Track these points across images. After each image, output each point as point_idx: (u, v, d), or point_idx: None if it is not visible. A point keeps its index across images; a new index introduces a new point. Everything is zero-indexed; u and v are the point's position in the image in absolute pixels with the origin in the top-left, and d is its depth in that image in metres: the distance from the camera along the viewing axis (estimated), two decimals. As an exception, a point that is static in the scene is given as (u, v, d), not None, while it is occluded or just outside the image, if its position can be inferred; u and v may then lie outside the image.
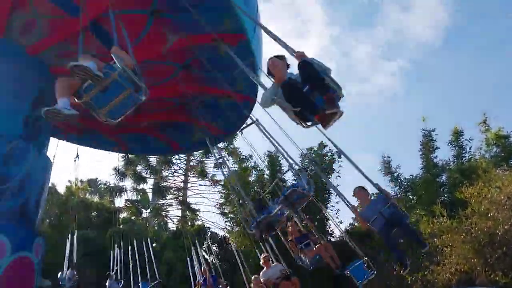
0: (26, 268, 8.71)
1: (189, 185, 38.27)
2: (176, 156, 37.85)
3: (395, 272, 15.96)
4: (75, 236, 18.09)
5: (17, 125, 9.79)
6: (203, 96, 11.73)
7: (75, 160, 16.64)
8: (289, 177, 25.19)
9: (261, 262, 11.57)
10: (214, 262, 28.97)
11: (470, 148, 20.59)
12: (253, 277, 11.52)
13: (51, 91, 10.53)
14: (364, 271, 9.99)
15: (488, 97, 62.67)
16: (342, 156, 24.04)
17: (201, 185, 38.08)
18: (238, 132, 12.37)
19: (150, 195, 36.35)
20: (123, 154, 34.50)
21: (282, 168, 24.65)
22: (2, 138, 9.24)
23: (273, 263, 11.67)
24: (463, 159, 20.43)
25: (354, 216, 17.00)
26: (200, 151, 36.92)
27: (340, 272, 10.59)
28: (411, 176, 21.51)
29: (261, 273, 11.12)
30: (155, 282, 17.74)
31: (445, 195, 19.72)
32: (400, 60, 75.06)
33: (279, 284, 10.20)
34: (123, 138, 14.57)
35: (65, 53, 10.86)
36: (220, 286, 13.99)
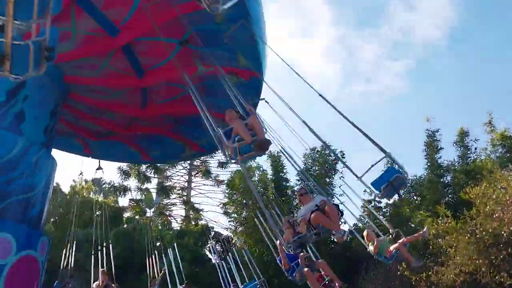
0: (32, 266, 8.77)
1: (193, 184, 38.34)
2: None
3: (398, 273, 15.95)
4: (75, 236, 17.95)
5: (40, 134, 10.00)
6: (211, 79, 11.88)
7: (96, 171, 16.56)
8: (291, 175, 25.25)
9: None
10: (217, 261, 29.08)
11: (475, 149, 20.54)
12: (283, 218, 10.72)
13: (63, 101, 10.87)
14: None
15: (494, 97, 62.42)
16: (345, 156, 24.20)
17: (205, 184, 38.16)
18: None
19: (154, 195, 36.41)
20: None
21: (285, 167, 24.65)
22: (33, 146, 9.41)
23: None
24: (468, 159, 20.35)
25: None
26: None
27: None
28: (415, 177, 21.46)
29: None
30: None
31: (450, 196, 19.65)
32: (406, 60, 74.85)
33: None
34: (143, 145, 14.66)
35: (84, 65, 11.18)
36: None
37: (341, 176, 24.46)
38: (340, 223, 7.58)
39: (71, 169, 66.44)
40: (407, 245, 10.20)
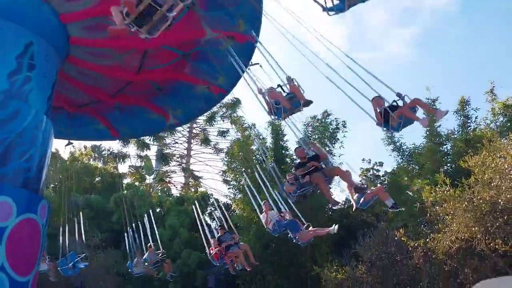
0: (32, 229, 8.86)
1: (192, 152, 38.43)
2: (179, 123, 37.82)
3: (396, 238, 16.17)
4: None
5: (44, 103, 9.98)
6: (205, 46, 12.00)
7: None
8: (291, 143, 25.26)
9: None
10: (216, 228, 29.42)
11: (476, 118, 20.46)
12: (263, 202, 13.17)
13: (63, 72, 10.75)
14: None
15: (500, 66, 61.64)
16: (346, 126, 24.15)
17: (204, 152, 38.25)
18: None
19: (153, 162, 36.54)
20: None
21: (286, 135, 24.64)
22: (37, 115, 9.41)
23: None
24: (468, 129, 20.32)
25: None
26: (203, 118, 36.96)
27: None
28: (413, 145, 21.50)
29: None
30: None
31: (448, 165, 19.72)
32: (414, 27, 73.55)
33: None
34: (113, 121, 14.82)
35: (95, 26, 11.10)
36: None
37: (341, 146, 24.61)
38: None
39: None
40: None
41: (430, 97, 20.85)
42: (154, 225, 18.28)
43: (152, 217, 18.30)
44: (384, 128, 9.34)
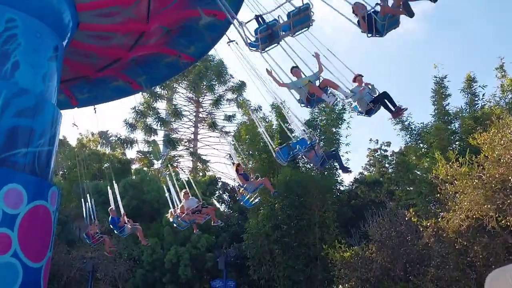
0: (44, 216, 8.92)
1: (199, 136, 38.47)
2: (186, 108, 37.85)
3: (406, 218, 16.15)
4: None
5: (39, 82, 9.87)
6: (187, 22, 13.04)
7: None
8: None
9: (181, 196, 15.47)
10: (225, 210, 29.61)
11: (483, 95, 20.23)
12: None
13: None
14: None
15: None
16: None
17: (211, 136, 38.29)
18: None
19: (161, 147, 36.63)
20: (133, 106, 34.60)
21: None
22: (28, 94, 9.33)
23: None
24: (476, 106, 20.12)
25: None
26: (209, 102, 36.90)
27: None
28: (422, 124, 21.34)
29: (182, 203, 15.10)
30: None
31: (457, 143, 19.59)
32: (425, 2, 72.28)
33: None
34: (132, 75, 15.33)
35: (105, 13, 11.18)
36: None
37: (348, 126, 24.49)
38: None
39: (77, 122, 66.66)
40: None
41: (438, 75, 20.66)
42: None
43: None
44: (369, 34, 9.44)
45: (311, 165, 22.60)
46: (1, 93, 8.78)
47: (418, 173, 20.54)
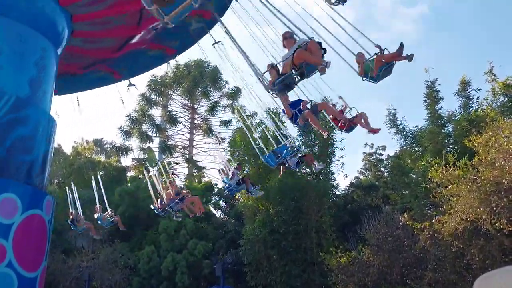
0: (38, 225, 8.89)
1: (194, 143, 38.43)
2: (181, 115, 37.85)
3: (401, 222, 16.19)
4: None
5: (24, 86, 9.79)
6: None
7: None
8: (293, 131, 25.17)
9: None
10: (222, 217, 29.55)
11: (477, 99, 20.33)
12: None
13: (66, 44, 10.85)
14: None
15: (506, 46, 61.03)
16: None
17: (206, 142, 38.26)
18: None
19: (156, 154, 36.55)
20: (128, 113, 34.57)
21: (285, 122, 24.53)
22: (7, 96, 9.22)
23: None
24: (470, 109, 20.21)
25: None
26: (205, 109, 36.93)
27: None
28: (416, 128, 21.43)
29: None
30: None
31: (451, 146, 19.66)
32: (422, 5, 72.84)
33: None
34: (115, 66, 15.70)
35: (98, 22, 11.24)
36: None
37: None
38: (323, 58, 8.05)
39: (72, 130, 66.28)
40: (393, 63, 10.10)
41: (430, 79, 20.78)
42: None
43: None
44: (364, 78, 10.18)
45: (307, 169, 22.67)
46: None
47: (414, 176, 20.60)
